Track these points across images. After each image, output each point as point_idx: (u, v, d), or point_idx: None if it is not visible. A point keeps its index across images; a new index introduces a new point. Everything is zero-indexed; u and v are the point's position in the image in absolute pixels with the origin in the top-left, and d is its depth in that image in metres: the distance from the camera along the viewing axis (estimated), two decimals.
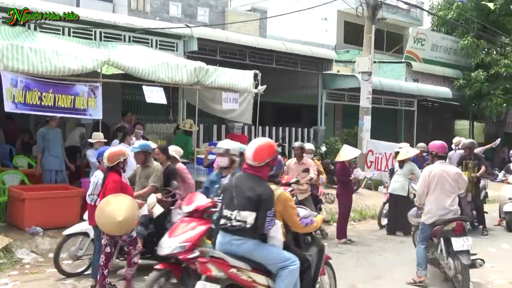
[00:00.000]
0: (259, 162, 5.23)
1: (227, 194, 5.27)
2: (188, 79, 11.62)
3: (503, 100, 22.33)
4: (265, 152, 5.27)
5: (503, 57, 22.66)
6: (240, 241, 5.10)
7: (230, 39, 15.14)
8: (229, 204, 5.18)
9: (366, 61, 16.49)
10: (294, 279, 5.25)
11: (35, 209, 9.41)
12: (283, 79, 18.77)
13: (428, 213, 7.90)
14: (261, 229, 5.07)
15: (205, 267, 5.08)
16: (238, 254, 5.15)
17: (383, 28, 24.19)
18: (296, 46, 17.47)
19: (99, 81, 10.40)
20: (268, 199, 5.09)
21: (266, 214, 5.04)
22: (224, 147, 7.11)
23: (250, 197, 5.05)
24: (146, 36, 13.40)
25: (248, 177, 5.25)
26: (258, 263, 5.21)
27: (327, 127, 19.46)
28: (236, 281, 5.12)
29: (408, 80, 21.77)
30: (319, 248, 5.96)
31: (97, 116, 10.51)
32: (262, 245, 5.16)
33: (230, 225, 5.12)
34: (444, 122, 27.26)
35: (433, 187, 7.82)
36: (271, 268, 5.23)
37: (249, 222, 5.03)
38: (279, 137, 17.48)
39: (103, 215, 6.74)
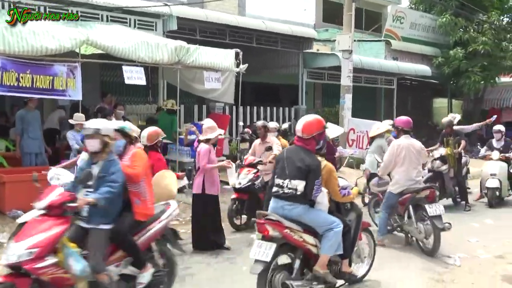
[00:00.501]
0: (307, 134, 5.88)
1: (279, 164, 5.96)
2: (169, 59, 11.47)
3: (481, 77, 22.45)
4: (313, 126, 5.94)
5: (480, 35, 22.70)
6: (291, 206, 5.79)
7: (210, 18, 14.94)
8: (281, 174, 5.87)
9: (347, 39, 16.38)
10: (338, 240, 5.95)
11: (15, 192, 9.24)
12: (263, 59, 18.63)
13: (396, 184, 8.46)
14: (309, 196, 5.74)
15: (262, 227, 5.76)
16: (289, 217, 5.80)
17: (362, 7, 24.05)
18: (276, 25, 17.33)
19: (78, 61, 10.23)
20: (316, 169, 5.76)
21: (314, 183, 5.71)
22: (92, 127, 5.74)
23: (300, 167, 5.73)
24: (124, 16, 13.13)
25: (298, 149, 5.92)
26: (307, 225, 5.87)
27: (307, 106, 19.39)
28: (289, 240, 5.75)
29: (387, 58, 21.76)
30: (357, 214, 6.58)
31: (76, 97, 10.33)
32: (310, 210, 5.85)
33: (282, 192, 5.81)
34: (423, 100, 27.39)
35: (401, 160, 8.38)
36: (318, 230, 5.90)
37: (299, 189, 5.71)
38: (261, 117, 17.37)
39: (160, 187, 7.07)
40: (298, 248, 5.87)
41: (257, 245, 5.71)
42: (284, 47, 17.86)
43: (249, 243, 8.97)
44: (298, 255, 5.87)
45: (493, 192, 12.35)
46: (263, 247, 5.67)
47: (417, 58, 23.15)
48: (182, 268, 7.60)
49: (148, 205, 6.05)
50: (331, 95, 21.90)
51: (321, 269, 5.87)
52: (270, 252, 5.62)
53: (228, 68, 12.73)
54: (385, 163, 8.67)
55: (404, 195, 8.45)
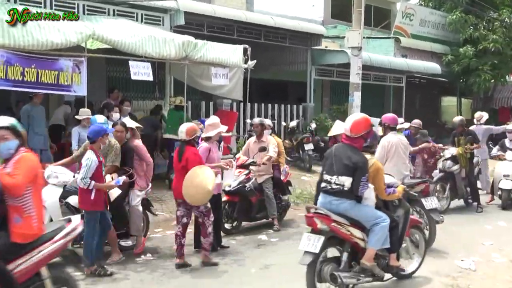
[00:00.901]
0: (355, 133, 6.12)
1: (327, 161, 6.22)
2: (176, 54, 11.29)
3: (491, 75, 22.16)
4: (361, 125, 6.17)
5: (491, 32, 22.42)
6: (339, 201, 6.05)
7: (217, 13, 14.71)
8: (329, 170, 6.14)
9: (356, 36, 16.07)
10: (385, 235, 6.19)
11: None
12: (271, 55, 18.39)
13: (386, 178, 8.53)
14: (356, 192, 6.02)
15: (311, 221, 6.00)
16: (337, 212, 6.06)
17: (371, 3, 23.78)
18: (285, 21, 17.11)
19: (84, 56, 10.04)
20: (363, 166, 6.02)
21: (361, 179, 5.97)
22: None
23: (347, 165, 5.99)
24: (131, 10, 12.92)
25: (346, 147, 6.15)
26: (354, 219, 6.12)
27: (315, 104, 19.16)
28: (336, 233, 6.01)
29: (396, 55, 21.49)
30: (405, 210, 6.80)
31: (81, 93, 10.18)
32: (357, 205, 6.11)
33: (330, 187, 6.10)
34: (431, 98, 27.13)
35: (391, 155, 8.68)
36: (365, 224, 6.16)
37: (347, 185, 5.99)
38: (268, 115, 17.18)
39: (193, 185, 7.19)
40: (346, 242, 6.12)
41: (306, 237, 5.98)
42: (292, 43, 17.63)
43: (258, 244, 8.85)
44: (346, 248, 6.13)
45: (508, 194, 12.06)
46: (312, 240, 5.93)
47: (427, 55, 22.86)
48: (188, 270, 7.49)
49: (33, 223, 4.90)
50: (339, 93, 21.68)
51: (368, 262, 6.12)
52: (318, 244, 5.87)
53: (236, 64, 12.52)
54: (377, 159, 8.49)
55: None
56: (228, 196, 9.44)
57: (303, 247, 5.94)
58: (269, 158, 9.62)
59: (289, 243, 8.88)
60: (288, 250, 8.34)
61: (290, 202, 10.92)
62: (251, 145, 10.07)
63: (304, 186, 13.17)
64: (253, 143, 10.03)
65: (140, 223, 8.28)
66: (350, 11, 21.27)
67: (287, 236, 9.49)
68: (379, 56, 19.74)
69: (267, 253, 8.47)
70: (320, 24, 21.74)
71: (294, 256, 6.29)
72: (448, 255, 8.29)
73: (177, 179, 7.62)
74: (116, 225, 7.86)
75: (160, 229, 9.74)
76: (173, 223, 10.04)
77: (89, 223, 7.07)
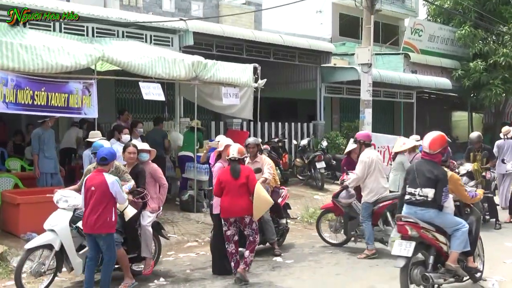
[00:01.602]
0: (434, 150, 6.82)
1: (409, 175, 6.91)
2: (186, 74, 11.19)
3: (502, 89, 21.99)
4: (438, 142, 6.87)
5: (501, 46, 22.30)
6: (423, 211, 6.72)
7: (226, 32, 14.66)
8: (412, 183, 6.82)
9: (366, 53, 16.02)
10: (465, 238, 6.82)
11: (30, 214, 8.93)
12: (280, 73, 18.36)
13: (371, 193, 9.14)
14: (439, 201, 6.68)
15: (403, 228, 6.66)
16: (422, 220, 6.70)
17: (379, 20, 23.75)
18: (294, 39, 17.05)
19: (94, 78, 9.95)
20: (444, 178, 6.70)
21: (442, 190, 6.64)
22: None
23: (430, 178, 6.68)
24: (140, 31, 12.89)
25: (426, 162, 6.85)
26: (437, 226, 6.78)
27: (325, 121, 19.03)
28: (424, 239, 6.67)
29: (406, 71, 21.36)
30: (477, 217, 7.34)
31: (92, 115, 10.06)
32: (440, 213, 6.76)
33: (414, 199, 6.78)
34: (442, 113, 26.97)
35: (372, 170, 9.13)
36: (447, 230, 6.84)
37: (430, 196, 6.67)
38: (279, 133, 17.06)
39: (260, 200, 7.68)
40: (432, 246, 6.78)
41: (398, 244, 6.65)
42: (301, 61, 17.56)
43: (273, 266, 8.65)
44: (432, 252, 6.78)
45: None
46: (403, 245, 6.61)
47: (437, 71, 22.73)
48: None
49: None
50: (349, 110, 21.56)
51: (453, 264, 6.75)
52: (410, 249, 6.54)
53: (246, 84, 12.41)
54: (358, 176, 9.21)
55: (379, 203, 9.14)
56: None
57: (396, 252, 6.63)
58: (265, 180, 9.09)
59: (304, 265, 8.71)
60: (305, 273, 8.18)
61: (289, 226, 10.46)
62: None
63: (317, 205, 12.96)
64: (247, 164, 9.26)
65: (151, 243, 8.12)
66: (358, 28, 21.32)
67: (303, 257, 9.29)
68: (389, 72, 19.62)
69: (282, 276, 8.24)
70: (328, 41, 21.70)
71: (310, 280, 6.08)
72: None
73: (232, 197, 7.67)
74: (128, 248, 7.73)
75: (172, 252, 9.56)
76: (185, 245, 9.95)
77: (111, 246, 6.99)
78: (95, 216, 6.84)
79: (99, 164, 7.11)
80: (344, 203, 9.62)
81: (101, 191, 6.88)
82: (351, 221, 9.58)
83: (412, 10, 28.89)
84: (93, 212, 6.85)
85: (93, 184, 6.91)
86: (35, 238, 7.47)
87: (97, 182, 6.91)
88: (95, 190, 6.87)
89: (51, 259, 7.27)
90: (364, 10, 16.25)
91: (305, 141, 16.51)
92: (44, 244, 7.26)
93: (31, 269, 7.19)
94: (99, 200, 6.86)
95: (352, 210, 9.60)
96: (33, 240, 7.44)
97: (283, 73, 18.53)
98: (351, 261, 9.02)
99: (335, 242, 10.12)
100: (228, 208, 7.72)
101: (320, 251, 9.68)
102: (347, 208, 9.65)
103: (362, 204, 9.26)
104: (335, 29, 25.88)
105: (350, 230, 9.65)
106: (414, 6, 29.17)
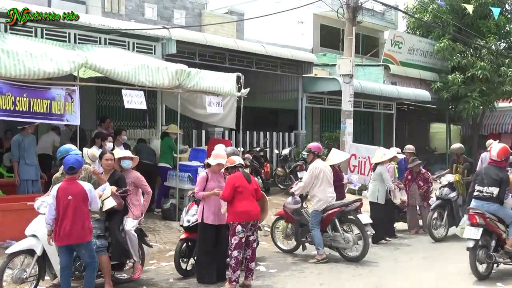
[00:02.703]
0: (500, 158, 8.63)
1: (478, 176, 8.75)
2: (169, 82, 11.13)
3: (479, 102, 22.28)
4: (503, 152, 8.67)
5: (478, 60, 22.60)
6: (489, 205, 8.46)
7: (209, 41, 14.68)
8: (480, 183, 8.59)
9: (348, 64, 16.18)
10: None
11: (9, 222, 8.78)
12: (262, 83, 18.39)
13: (320, 201, 9.53)
14: (502, 198, 8.43)
15: (473, 217, 8.35)
16: (487, 212, 8.38)
17: (360, 31, 23.92)
18: (276, 49, 17.12)
19: (77, 85, 9.84)
20: (507, 180, 8.48)
21: (505, 189, 8.42)
22: None
23: (496, 179, 8.45)
24: (122, 39, 12.82)
25: (493, 167, 8.65)
26: (499, 217, 8.46)
27: (306, 131, 19.08)
28: (488, 226, 8.32)
29: (386, 83, 21.55)
30: None
31: (74, 122, 9.94)
32: (501, 207, 8.49)
33: (482, 195, 8.50)
34: (420, 125, 27.24)
35: (320, 180, 9.55)
36: (506, 221, 8.49)
37: (495, 193, 8.41)
38: (261, 142, 17.06)
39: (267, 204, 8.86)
40: (493, 233, 8.40)
41: (468, 229, 8.37)
42: (283, 71, 17.62)
43: (256, 276, 8.55)
44: (494, 237, 8.41)
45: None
46: (472, 230, 8.30)
47: (416, 82, 22.97)
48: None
49: None
50: (329, 120, 21.69)
51: (510, 247, 8.35)
52: (478, 233, 8.24)
53: (229, 93, 12.39)
54: (305, 184, 9.65)
55: (328, 211, 9.54)
56: (187, 233, 8.52)
57: (467, 236, 8.33)
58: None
59: (288, 275, 8.70)
60: (289, 283, 8.20)
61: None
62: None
63: None
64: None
65: (137, 248, 8.05)
66: (338, 39, 21.48)
67: (286, 266, 9.27)
68: (370, 84, 19.80)
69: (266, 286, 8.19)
70: (309, 52, 21.81)
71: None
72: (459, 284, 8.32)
73: (250, 201, 7.90)
74: (111, 255, 7.65)
75: (155, 261, 9.47)
76: (167, 254, 9.84)
77: (93, 252, 6.98)
78: (79, 225, 6.72)
79: (68, 174, 6.94)
80: (289, 209, 9.93)
81: (81, 200, 6.77)
82: (302, 228, 9.82)
83: (392, 23, 29.17)
84: (75, 221, 6.70)
85: (70, 193, 6.72)
86: (16, 244, 7.35)
87: (75, 191, 6.77)
88: (73, 199, 6.71)
89: (33, 265, 7.16)
90: (346, 21, 16.45)
91: (286, 150, 16.54)
92: (25, 249, 7.16)
93: (12, 275, 7.06)
94: (79, 209, 6.74)
95: (302, 217, 9.88)
96: (14, 245, 7.33)
97: (265, 82, 18.57)
98: (334, 271, 9.01)
99: (286, 248, 10.36)
100: (251, 212, 7.85)
101: (302, 260, 9.67)
102: (297, 216, 9.90)
103: (311, 212, 9.62)
104: (316, 40, 26.03)
105: (300, 237, 9.90)
106: (394, 18, 29.45)
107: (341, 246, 9.57)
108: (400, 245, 11.14)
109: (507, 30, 23.92)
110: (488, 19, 22.82)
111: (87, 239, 6.85)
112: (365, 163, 15.84)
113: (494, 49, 22.89)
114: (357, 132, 18.89)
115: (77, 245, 6.84)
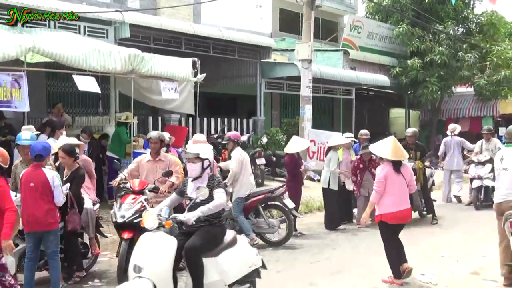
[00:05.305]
0: None
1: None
2: (122, 67, 10.82)
3: (438, 87, 22.44)
4: None
5: (437, 45, 22.74)
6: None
7: (164, 25, 14.30)
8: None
9: (306, 48, 16.00)
10: None
11: None
12: (219, 68, 18.10)
13: (243, 187, 9.58)
14: None
15: None
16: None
17: (319, 16, 23.73)
18: (233, 33, 16.82)
19: (24, 70, 9.44)
20: None
21: None
22: None
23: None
24: (73, 22, 12.31)
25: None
26: None
27: (265, 117, 18.88)
28: None
29: (345, 68, 21.47)
30: None
31: (23, 109, 9.61)
32: None
33: None
34: (380, 110, 27.37)
35: (244, 167, 9.63)
36: None
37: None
38: (218, 129, 16.80)
39: None
40: None
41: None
42: (241, 56, 17.35)
43: None
44: None
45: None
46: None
47: (375, 68, 22.97)
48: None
49: None
50: (289, 106, 21.53)
51: None
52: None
53: (185, 78, 12.11)
54: (234, 172, 9.56)
55: (251, 198, 9.66)
56: (124, 231, 7.50)
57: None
58: (172, 184, 8.10)
59: None
60: None
61: None
62: (144, 164, 8.45)
63: None
64: (147, 162, 8.46)
65: (94, 225, 8.06)
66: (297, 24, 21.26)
67: None
68: (329, 69, 19.68)
69: None
70: (268, 36, 21.57)
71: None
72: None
73: None
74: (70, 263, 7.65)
75: (108, 252, 9.20)
76: None
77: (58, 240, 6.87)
78: (42, 213, 6.57)
79: (35, 160, 6.76)
80: None
81: (42, 187, 6.59)
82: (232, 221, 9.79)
83: (351, 7, 29.10)
84: (36, 209, 6.56)
85: (32, 180, 6.59)
86: None
87: (37, 177, 6.62)
88: (35, 186, 6.56)
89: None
90: (304, 5, 16.25)
91: (245, 137, 16.26)
92: None
93: None
94: (39, 196, 6.57)
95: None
96: None
97: (222, 68, 18.28)
98: (291, 258, 8.91)
99: None
100: None
101: (260, 249, 9.50)
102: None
103: (234, 201, 9.61)
104: (275, 24, 25.77)
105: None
106: (353, 3, 29.39)
107: (264, 231, 9.75)
108: (358, 230, 11.07)
109: (464, 15, 24.08)
110: (446, 4, 22.91)
111: (55, 227, 6.76)
112: (324, 149, 15.71)
113: (452, 34, 23.05)
114: (316, 118, 18.79)
115: (44, 233, 6.66)
